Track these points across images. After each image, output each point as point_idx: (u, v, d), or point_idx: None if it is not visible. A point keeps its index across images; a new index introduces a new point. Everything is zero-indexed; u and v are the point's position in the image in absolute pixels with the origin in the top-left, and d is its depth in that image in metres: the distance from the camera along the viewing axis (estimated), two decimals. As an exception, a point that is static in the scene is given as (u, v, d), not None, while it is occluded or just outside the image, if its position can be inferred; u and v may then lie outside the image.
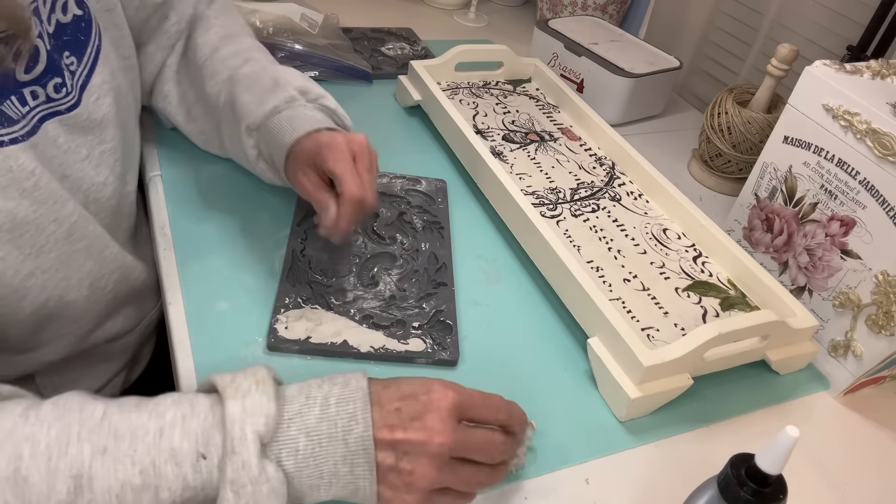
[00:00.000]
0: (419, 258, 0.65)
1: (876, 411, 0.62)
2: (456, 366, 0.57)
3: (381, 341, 0.56)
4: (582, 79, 0.98)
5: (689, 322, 0.62)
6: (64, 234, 0.51)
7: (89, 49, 0.55)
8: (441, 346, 0.57)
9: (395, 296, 0.60)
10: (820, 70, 0.63)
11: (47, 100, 0.51)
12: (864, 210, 0.60)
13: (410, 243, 0.66)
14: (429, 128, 0.86)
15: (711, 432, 0.57)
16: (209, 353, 0.54)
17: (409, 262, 0.64)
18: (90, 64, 0.55)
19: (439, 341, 0.57)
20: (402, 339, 0.57)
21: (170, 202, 0.67)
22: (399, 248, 0.66)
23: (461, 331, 0.59)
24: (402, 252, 0.65)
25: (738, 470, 0.37)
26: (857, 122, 0.59)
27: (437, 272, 0.64)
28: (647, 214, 0.75)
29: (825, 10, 0.88)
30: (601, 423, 0.55)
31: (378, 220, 0.68)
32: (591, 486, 0.50)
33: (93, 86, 0.55)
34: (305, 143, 0.59)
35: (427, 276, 0.63)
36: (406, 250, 0.66)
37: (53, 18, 0.52)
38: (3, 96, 0.48)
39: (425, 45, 1.06)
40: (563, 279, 0.61)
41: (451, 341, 0.57)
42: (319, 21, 0.97)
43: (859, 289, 0.61)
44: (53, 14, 0.52)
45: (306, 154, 0.58)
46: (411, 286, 0.62)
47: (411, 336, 0.57)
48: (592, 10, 1.15)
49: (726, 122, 0.84)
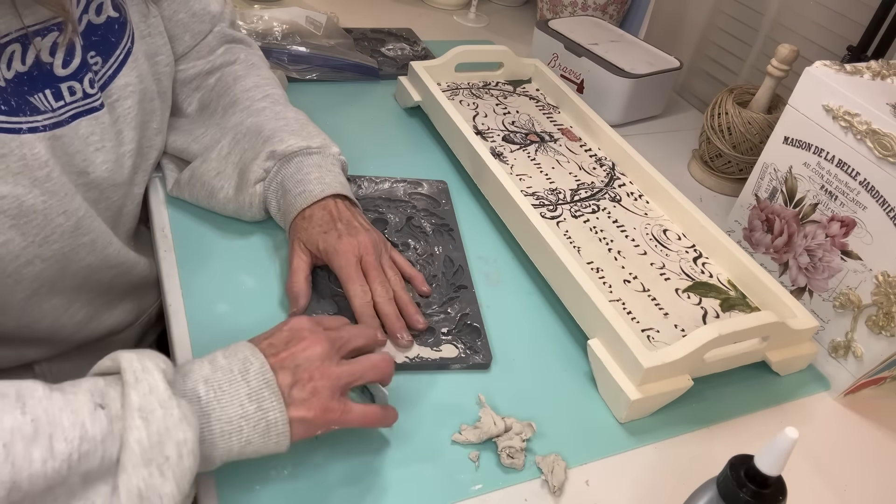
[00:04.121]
0: (435, 262, 0.64)
1: (876, 412, 0.62)
2: (489, 368, 0.57)
3: (414, 351, 0.56)
4: (582, 79, 0.98)
5: (689, 323, 0.62)
6: (71, 228, 0.52)
7: (118, 51, 0.56)
8: (473, 350, 0.57)
9: (420, 303, 0.60)
10: (820, 70, 0.63)
11: (84, 96, 0.52)
12: (865, 211, 0.60)
13: (423, 248, 0.66)
14: (429, 129, 0.86)
15: (712, 434, 0.57)
16: (209, 354, 0.54)
17: (425, 267, 0.64)
18: (116, 65, 0.56)
19: (470, 345, 0.57)
20: (434, 347, 0.56)
21: (170, 202, 0.67)
22: (413, 254, 0.65)
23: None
24: (416, 258, 0.65)
25: (737, 471, 0.37)
26: (858, 122, 0.59)
27: (455, 275, 0.64)
28: (648, 215, 0.74)
29: (825, 10, 0.87)
30: (601, 425, 0.55)
31: (388, 227, 0.68)
32: (592, 488, 0.50)
33: (115, 87, 0.56)
34: (318, 214, 0.59)
35: (446, 279, 0.63)
36: (420, 255, 0.65)
37: (85, 18, 0.53)
38: (36, 88, 0.49)
39: (425, 46, 1.06)
40: (564, 280, 0.61)
41: (482, 344, 0.57)
42: (323, 22, 0.98)
43: (860, 290, 0.61)
44: (86, 14, 0.53)
45: (311, 236, 0.58)
46: (433, 291, 0.62)
47: (442, 342, 0.57)
48: (592, 11, 1.15)
49: (726, 123, 0.84)
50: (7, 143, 0.46)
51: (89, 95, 0.53)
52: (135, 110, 0.58)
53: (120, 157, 0.57)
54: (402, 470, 0.48)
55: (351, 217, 0.60)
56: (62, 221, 0.50)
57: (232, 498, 0.45)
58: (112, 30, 0.55)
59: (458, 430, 0.51)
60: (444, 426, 0.52)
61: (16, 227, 0.47)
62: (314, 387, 0.43)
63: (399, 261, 0.61)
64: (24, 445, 0.33)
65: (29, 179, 0.47)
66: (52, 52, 0.50)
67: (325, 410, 0.43)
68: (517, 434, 0.51)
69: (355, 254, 0.57)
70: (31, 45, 0.48)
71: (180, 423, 0.37)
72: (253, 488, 0.45)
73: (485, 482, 0.49)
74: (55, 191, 0.49)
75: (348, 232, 0.58)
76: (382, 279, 0.57)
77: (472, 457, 0.50)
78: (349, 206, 0.61)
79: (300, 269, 0.58)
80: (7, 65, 0.47)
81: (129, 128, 0.58)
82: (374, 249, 0.58)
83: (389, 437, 0.50)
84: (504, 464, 0.50)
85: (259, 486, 0.46)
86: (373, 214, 0.68)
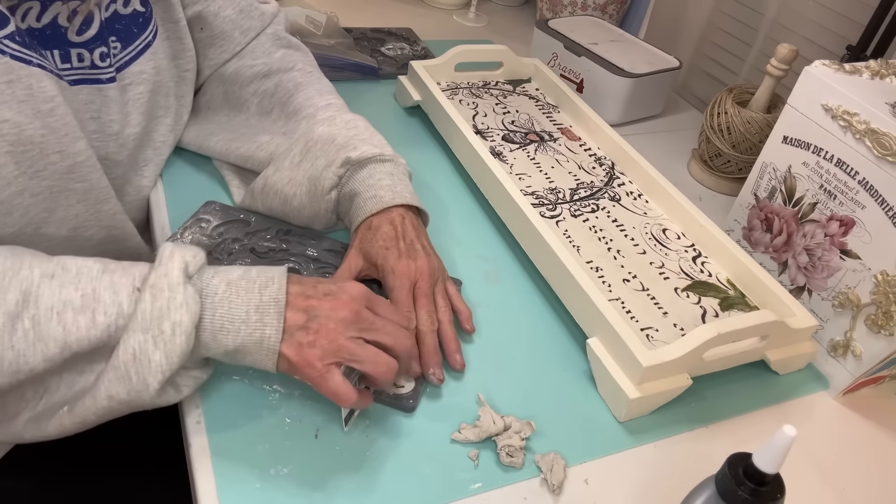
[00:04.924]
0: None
1: (875, 411, 0.62)
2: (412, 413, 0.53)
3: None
4: (582, 79, 0.98)
5: (688, 322, 0.62)
6: (64, 169, 0.52)
7: (138, 42, 0.58)
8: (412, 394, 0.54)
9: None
10: (819, 70, 0.63)
11: (92, 66, 0.54)
12: (864, 210, 0.60)
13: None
14: (428, 128, 0.86)
15: (711, 432, 0.57)
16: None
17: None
18: (135, 53, 0.58)
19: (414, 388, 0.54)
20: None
21: (170, 202, 0.67)
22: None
23: (460, 331, 0.59)
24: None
25: (735, 469, 0.37)
26: (857, 122, 0.59)
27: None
28: (647, 214, 0.75)
29: (825, 9, 0.88)
30: (600, 424, 0.55)
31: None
32: (591, 487, 0.50)
33: (130, 72, 0.58)
34: (384, 228, 0.59)
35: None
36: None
37: (112, 7, 0.56)
38: (44, 47, 0.51)
39: (425, 46, 1.06)
40: (563, 279, 0.61)
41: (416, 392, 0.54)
42: (323, 21, 0.98)
43: (858, 289, 0.61)
44: (114, 3, 0.56)
45: (372, 248, 0.58)
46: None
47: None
48: (592, 10, 1.15)
49: (726, 122, 0.84)
50: (16, 70, 0.47)
51: (97, 67, 0.55)
52: (145, 97, 0.60)
53: (122, 137, 0.59)
54: (401, 468, 0.49)
55: (415, 238, 0.59)
56: (56, 160, 0.51)
57: (232, 496, 0.45)
58: (136, 22, 0.58)
59: (458, 429, 0.51)
60: (443, 425, 0.52)
61: (11, 154, 0.48)
62: (314, 340, 0.45)
63: (451, 292, 0.60)
64: (73, 315, 0.41)
65: (32, 110, 0.48)
66: (70, 18, 0.52)
67: (308, 364, 0.45)
68: (516, 433, 0.51)
69: (411, 278, 0.56)
70: (50, 7, 0.50)
71: (180, 308, 0.42)
72: (253, 486, 0.46)
73: (484, 481, 0.49)
74: (56, 127, 0.50)
75: (408, 254, 0.57)
76: (430, 309, 0.56)
77: (472, 455, 0.50)
78: (415, 223, 0.61)
79: (350, 270, 0.58)
80: (21, 17, 0.49)
81: (138, 112, 0.60)
82: (431, 277, 0.57)
83: (389, 435, 0.51)
84: (503, 462, 0.50)
85: (259, 484, 0.46)
86: None
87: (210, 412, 0.49)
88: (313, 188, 0.61)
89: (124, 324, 0.42)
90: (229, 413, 0.50)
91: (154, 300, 0.42)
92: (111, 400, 0.43)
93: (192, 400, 0.50)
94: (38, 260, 0.43)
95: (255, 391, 0.51)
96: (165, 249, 0.45)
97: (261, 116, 0.69)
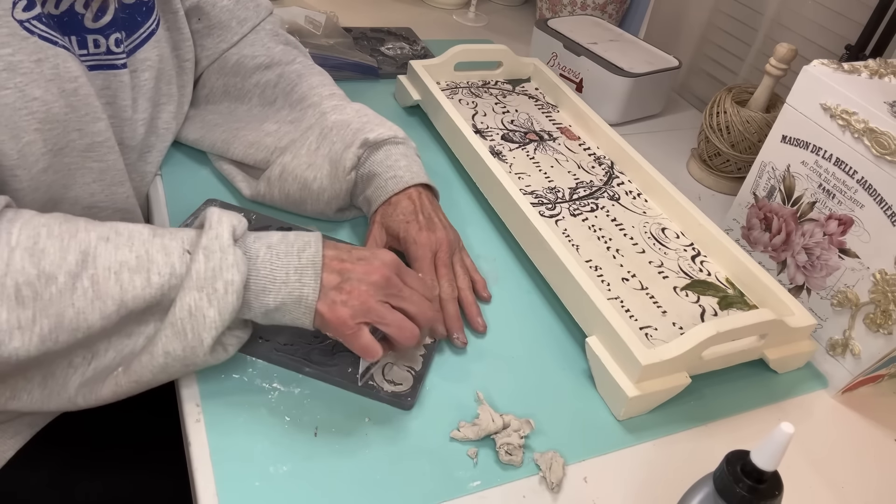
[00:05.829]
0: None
1: (874, 410, 0.62)
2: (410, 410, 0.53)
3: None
4: (581, 78, 0.98)
5: (687, 321, 0.62)
6: (83, 147, 0.54)
7: (141, 30, 0.60)
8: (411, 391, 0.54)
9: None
10: (818, 69, 0.63)
11: (107, 52, 0.56)
12: (862, 209, 0.60)
13: None
14: (428, 127, 0.86)
15: (709, 431, 0.57)
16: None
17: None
18: (139, 41, 0.60)
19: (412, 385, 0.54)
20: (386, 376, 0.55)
21: (170, 202, 0.67)
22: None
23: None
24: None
25: (733, 467, 0.37)
26: (855, 121, 0.59)
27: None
28: (646, 214, 0.75)
29: (824, 9, 0.88)
30: (599, 422, 0.55)
31: None
32: (590, 485, 0.51)
33: (136, 59, 0.60)
34: (403, 203, 0.62)
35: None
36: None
37: None
38: (63, 33, 0.52)
39: (425, 45, 1.07)
40: (562, 278, 0.61)
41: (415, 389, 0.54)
42: (323, 21, 0.98)
43: (857, 287, 0.61)
44: None
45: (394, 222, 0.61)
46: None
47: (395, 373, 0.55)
48: (592, 10, 1.16)
49: (725, 122, 0.84)
50: (44, 50, 0.49)
51: (112, 52, 0.56)
52: (150, 84, 0.62)
53: (132, 123, 0.61)
54: (400, 466, 0.49)
55: (433, 212, 0.63)
56: (75, 137, 0.53)
57: (232, 495, 0.45)
58: (140, 11, 0.60)
59: (457, 427, 0.51)
60: (442, 423, 0.52)
61: (39, 132, 0.50)
62: (347, 300, 0.48)
63: (468, 262, 0.64)
64: (129, 275, 0.44)
65: (58, 89, 0.50)
66: (86, 5, 0.53)
67: (342, 322, 0.48)
68: (515, 431, 0.51)
69: (432, 248, 0.60)
70: None
71: (231, 267, 0.45)
72: (252, 484, 0.46)
73: (483, 479, 0.49)
74: (78, 107, 0.52)
75: (428, 226, 0.61)
76: (451, 278, 0.60)
77: (471, 453, 0.50)
78: (431, 199, 0.65)
79: (376, 241, 0.62)
80: (42, 3, 0.50)
81: (144, 98, 0.62)
82: (449, 247, 0.62)
83: (388, 433, 0.51)
84: (502, 460, 0.50)
85: (259, 482, 0.46)
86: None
87: (210, 410, 0.49)
88: (334, 170, 0.63)
89: (177, 283, 0.45)
90: (229, 411, 0.50)
91: (207, 261, 0.45)
92: (167, 356, 0.45)
93: (191, 398, 0.50)
94: (93, 224, 0.45)
95: (254, 389, 0.51)
96: (213, 214, 0.47)
97: (264, 106, 0.70)
